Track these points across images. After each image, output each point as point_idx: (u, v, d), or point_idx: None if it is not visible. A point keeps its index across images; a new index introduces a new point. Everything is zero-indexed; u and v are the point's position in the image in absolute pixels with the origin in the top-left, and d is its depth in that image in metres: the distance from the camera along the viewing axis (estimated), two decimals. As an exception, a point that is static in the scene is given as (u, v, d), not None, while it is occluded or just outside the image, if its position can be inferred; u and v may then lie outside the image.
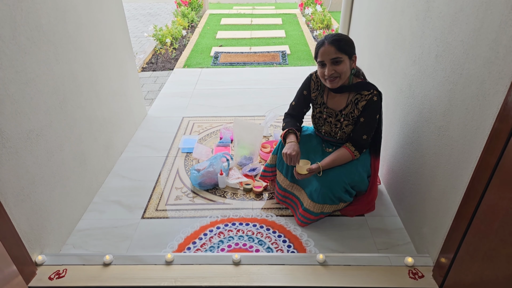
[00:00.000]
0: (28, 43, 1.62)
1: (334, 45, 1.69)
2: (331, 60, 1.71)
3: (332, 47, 1.69)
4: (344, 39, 1.72)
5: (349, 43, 1.74)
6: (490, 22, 1.22)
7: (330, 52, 1.70)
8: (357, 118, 1.84)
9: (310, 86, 1.97)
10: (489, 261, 1.22)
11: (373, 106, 1.78)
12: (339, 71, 1.72)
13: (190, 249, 1.86)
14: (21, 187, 1.57)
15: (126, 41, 2.87)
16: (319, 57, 1.75)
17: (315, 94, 1.96)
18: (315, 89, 1.95)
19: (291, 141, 1.86)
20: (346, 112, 1.85)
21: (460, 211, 1.39)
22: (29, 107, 1.63)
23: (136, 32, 6.77)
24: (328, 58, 1.71)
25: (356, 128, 1.85)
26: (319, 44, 1.75)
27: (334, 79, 1.75)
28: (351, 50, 1.74)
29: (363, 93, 1.79)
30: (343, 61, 1.71)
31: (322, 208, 1.91)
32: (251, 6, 8.99)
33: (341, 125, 1.90)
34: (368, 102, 1.78)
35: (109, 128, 2.47)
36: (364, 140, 1.84)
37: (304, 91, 1.99)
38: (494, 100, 1.19)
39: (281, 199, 2.13)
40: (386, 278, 1.57)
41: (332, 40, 1.70)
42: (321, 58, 1.74)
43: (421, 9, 1.74)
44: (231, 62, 4.80)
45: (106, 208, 2.15)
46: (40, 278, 1.60)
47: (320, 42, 1.75)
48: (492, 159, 1.19)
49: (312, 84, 1.96)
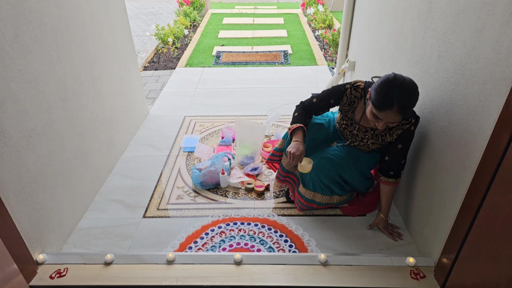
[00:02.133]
0: (30, 42, 1.63)
1: (403, 113, 1.50)
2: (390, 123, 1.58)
3: (399, 115, 1.51)
4: (412, 106, 1.52)
5: (414, 106, 1.54)
6: (492, 23, 1.21)
7: (395, 119, 1.53)
8: (390, 143, 1.77)
9: (341, 99, 1.83)
10: (491, 261, 1.22)
11: (410, 134, 1.70)
12: (392, 125, 1.64)
13: (191, 249, 1.86)
14: (22, 186, 1.58)
15: (128, 40, 2.88)
16: (379, 115, 1.54)
17: (345, 108, 1.85)
18: (347, 104, 1.83)
19: (297, 139, 1.81)
20: (377, 134, 1.78)
21: (462, 211, 1.39)
22: (31, 106, 1.63)
23: (138, 31, 6.77)
24: (390, 122, 1.57)
25: (394, 154, 1.76)
26: (387, 103, 1.48)
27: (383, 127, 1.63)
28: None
29: (402, 121, 1.68)
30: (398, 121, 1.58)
31: (313, 196, 1.95)
32: (253, 6, 8.98)
33: (366, 141, 1.84)
34: (404, 131, 1.69)
35: (110, 127, 2.48)
36: (402, 165, 1.79)
37: (331, 100, 1.85)
38: (496, 100, 1.19)
39: (283, 179, 2.16)
40: (387, 278, 1.57)
41: (403, 109, 1.48)
42: (381, 116, 1.54)
43: (423, 9, 1.74)
44: (233, 62, 4.80)
45: (108, 207, 2.15)
46: (41, 277, 1.61)
47: (389, 101, 1.48)
48: (494, 159, 1.19)
49: (345, 99, 1.82)
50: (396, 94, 1.47)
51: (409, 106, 1.50)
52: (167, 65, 4.80)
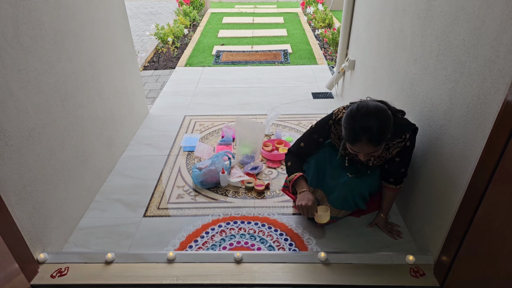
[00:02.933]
0: (30, 41, 1.63)
1: (372, 144, 1.45)
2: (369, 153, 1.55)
3: (370, 145, 1.46)
4: (385, 133, 1.45)
5: (388, 131, 1.47)
6: (491, 21, 1.21)
7: (369, 150, 1.49)
8: (390, 158, 1.73)
9: (329, 135, 1.79)
10: (490, 259, 1.22)
11: (408, 149, 1.67)
12: (376, 155, 1.58)
13: (192, 247, 1.86)
14: (23, 185, 1.58)
15: (128, 40, 2.88)
16: (354, 148, 1.52)
17: (336, 142, 1.80)
18: (336, 139, 1.79)
19: (303, 189, 1.74)
20: (377, 155, 1.63)
21: (461, 209, 1.39)
22: (31, 106, 1.63)
23: (138, 30, 6.77)
24: (366, 153, 1.53)
25: (393, 166, 1.74)
26: (355, 136, 1.46)
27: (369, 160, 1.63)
28: (389, 133, 1.49)
29: (395, 140, 1.64)
30: (380, 149, 1.53)
31: (338, 213, 1.87)
32: (253, 5, 8.98)
33: (371, 165, 1.81)
34: (402, 149, 1.66)
35: (111, 126, 2.48)
36: (402, 173, 1.75)
37: (320, 139, 1.81)
38: (495, 98, 1.19)
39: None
40: (387, 276, 1.57)
41: (372, 140, 1.44)
42: (356, 149, 1.53)
43: (422, 8, 1.74)
44: (233, 61, 4.80)
45: (108, 207, 2.16)
46: (42, 276, 1.61)
47: (357, 134, 1.45)
48: (493, 157, 1.19)
49: (332, 136, 1.78)
50: (361, 126, 1.43)
51: (379, 134, 1.44)
52: (167, 65, 4.80)
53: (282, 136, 2.86)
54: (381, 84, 2.34)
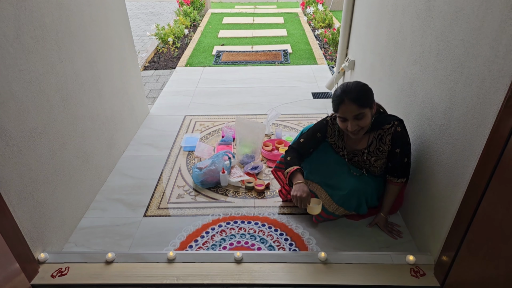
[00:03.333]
0: (31, 42, 1.63)
1: (356, 103, 1.62)
2: (354, 117, 1.65)
3: (354, 104, 1.63)
4: (364, 94, 1.66)
5: (368, 95, 1.67)
6: (490, 21, 1.22)
7: (353, 110, 1.64)
8: (389, 151, 1.79)
9: (326, 131, 1.91)
10: (491, 259, 1.23)
11: (400, 135, 1.74)
12: (362, 124, 1.67)
13: (192, 247, 1.86)
14: (24, 185, 1.58)
15: (129, 40, 2.88)
16: (339, 113, 1.68)
17: (333, 139, 1.92)
18: (333, 135, 1.91)
19: (299, 181, 1.79)
20: (373, 149, 1.82)
21: (461, 209, 1.39)
22: (32, 106, 1.64)
23: (139, 31, 6.78)
24: (351, 116, 1.65)
25: (395, 160, 1.79)
26: (338, 100, 1.66)
27: (358, 132, 1.71)
28: (371, 100, 1.68)
29: (385, 127, 1.76)
30: (365, 115, 1.65)
31: (336, 209, 1.89)
32: (253, 5, 8.99)
33: (370, 161, 1.86)
34: (394, 135, 1.74)
35: (111, 126, 2.48)
36: (406, 163, 1.79)
37: (318, 134, 1.92)
38: (495, 98, 1.20)
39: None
40: (387, 276, 1.58)
41: (353, 98, 1.62)
42: (342, 115, 1.67)
43: (421, 8, 1.74)
44: (233, 61, 4.80)
45: (108, 206, 2.16)
46: (43, 276, 1.61)
47: (339, 97, 1.66)
48: (493, 157, 1.19)
49: (329, 131, 1.91)
50: (342, 89, 1.67)
51: (358, 92, 1.64)
52: (167, 65, 4.81)
53: (282, 136, 2.86)
54: (381, 84, 2.35)
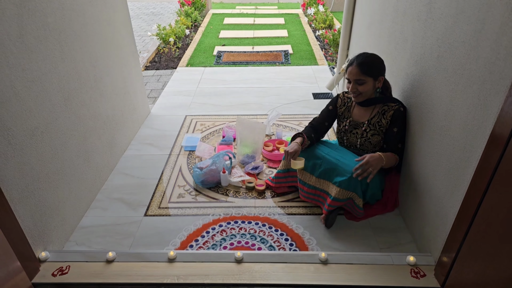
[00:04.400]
0: (34, 41, 1.64)
1: (359, 68, 1.85)
2: (355, 80, 1.87)
3: (357, 69, 1.85)
4: (370, 62, 1.86)
5: (375, 65, 1.87)
6: (491, 24, 1.22)
7: (355, 73, 1.86)
8: (387, 129, 1.92)
9: (337, 102, 2.14)
10: (491, 260, 1.23)
11: (401, 116, 1.89)
12: (361, 90, 1.89)
13: (192, 247, 1.87)
14: (25, 184, 1.59)
15: (130, 40, 2.89)
16: (347, 74, 1.90)
17: (342, 109, 2.12)
18: (342, 105, 2.12)
19: (296, 142, 1.99)
20: (373, 122, 1.95)
21: (462, 210, 1.40)
22: (34, 105, 1.65)
23: (140, 31, 6.79)
24: (353, 78, 1.88)
25: (390, 138, 1.92)
26: (350, 62, 1.90)
27: (357, 95, 1.92)
28: (377, 72, 1.88)
29: (390, 104, 1.92)
30: (366, 82, 1.86)
31: (349, 194, 1.89)
32: (254, 6, 8.99)
33: (367, 135, 1.97)
34: (396, 112, 1.89)
35: (112, 126, 2.49)
36: (400, 149, 1.92)
37: (330, 106, 2.16)
38: (495, 100, 1.20)
39: (308, 196, 2.11)
40: (388, 277, 1.58)
41: (359, 63, 1.85)
42: (348, 76, 1.90)
43: (423, 10, 1.75)
44: (234, 61, 4.81)
45: (109, 206, 2.17)
46: (44, 275, 1.62)
47: (352, 60, 1.90)
48: (494, 158, 1.19)
49: (339, 101, 2.14)
50: (357, 55, 1.91)
51: (364, 62, 1.85)
52: (169, 65, 4.81)
53: (282, 136, 2.87)
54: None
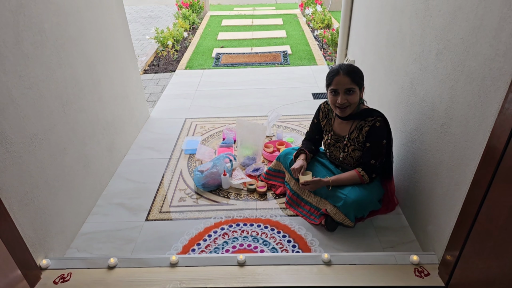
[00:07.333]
0: (31, 47, 1.63)
1: (349, 76, 1.75)
2: (345, 90, 1.77)
3: (347, 77, 1.75)
4: (358, 71, 1.79)
5: (361, 75, 1.81)
6: (489, 20, 1.21)
7: (345, 83, 1.75)
8: (363, 143, 1.87)
9: (319, 115, 2.08)
10: (495, 258, 1.22)
11: (377, 131, 1.81)
12: (351, 101, 1.78)
13: (194, 251, 1.86)
14: (25, 191, 1.58)
15: (128, 44, 2.89)
16: (333, 85, 1.79)
17: (323, 122, 2.06)
18: (324, 118, 2.06)
19: (300, 159, 2.01)
20: (352, 137, 1.89)
21: (465, 208, 1.38)
22: (32, 111, 1.64)
23: (138, 35, 6.79)
24: (343, 88, 1.77)
25: (364, 154, 1.88)
26: (334, 73, 1.79)
27: (345, 108, 1.81)
28: (362, 81, 1.81)
29: (367, 119, 1.84)
30: (355, 91, 1.77)
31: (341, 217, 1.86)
32: (252, 7, 9.00)
33: (347, 150, 1.93)
34: (371, 128, 1.82)
35: (112, 130, 2.48)
36: (372, 165, 1.85)
37: (314, 120, 2.12)
38: (495, 96, 1.19)
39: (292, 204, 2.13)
40: (391, 277, 1.57)
41: (347, 71, 1.75)
42: (335, 86, 1.78)
43: (420, 7, 1.74)
44: (233, 63, 4.80)
45: (110, 211, 2.16)
46: (45, 282, 1.61)
47: (335, 70, 1.79)
48: (495, 155, 1.19)
49: (321, 114, 2.07)
50: (339, 65, 1.80)
51: (354, 70, 1.77)
52: (167, 68, 4.81)
53: (283, 137, 2.86)
54: (380, 84, 2.34)
